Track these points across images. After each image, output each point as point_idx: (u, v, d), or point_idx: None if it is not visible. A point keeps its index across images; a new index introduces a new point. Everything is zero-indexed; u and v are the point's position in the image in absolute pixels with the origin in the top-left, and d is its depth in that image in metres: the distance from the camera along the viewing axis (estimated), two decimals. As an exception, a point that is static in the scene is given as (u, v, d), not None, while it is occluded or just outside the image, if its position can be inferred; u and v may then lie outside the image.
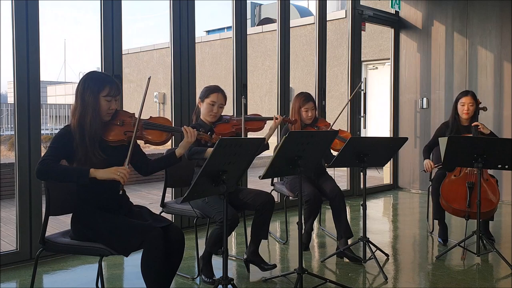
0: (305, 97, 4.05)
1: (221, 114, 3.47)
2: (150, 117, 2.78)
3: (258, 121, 3.54)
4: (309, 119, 4.04)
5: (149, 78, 2.68)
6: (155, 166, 2.85)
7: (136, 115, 2.65)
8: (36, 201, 3.68)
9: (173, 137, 4.39)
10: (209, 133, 2.92)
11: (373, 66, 10.22)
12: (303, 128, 4.04)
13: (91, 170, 2.44)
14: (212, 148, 3.14)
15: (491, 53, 6.28)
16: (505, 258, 3.60)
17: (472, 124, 4.15)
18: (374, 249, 3.67)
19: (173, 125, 2.86)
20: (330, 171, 4.27)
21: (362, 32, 6.64)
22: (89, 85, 2.57)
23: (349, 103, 5.71)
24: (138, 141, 2.68)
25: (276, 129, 3.80)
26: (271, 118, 3.66)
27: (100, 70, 4.07)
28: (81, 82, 2.59)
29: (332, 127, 4.02)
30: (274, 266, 3.42)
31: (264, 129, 3.59)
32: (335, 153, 3.87)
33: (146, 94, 2.64)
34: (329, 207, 3.94)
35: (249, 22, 16.44)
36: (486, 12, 6.30)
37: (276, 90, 5.64)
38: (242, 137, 3.38)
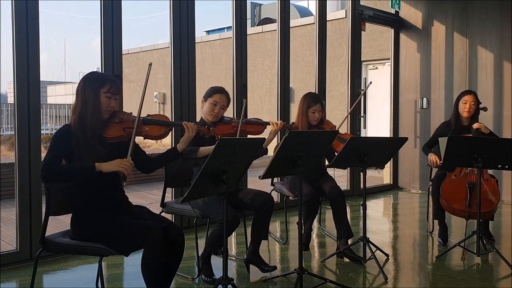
0: (313, 98, 4.02)
1: (222, 115, 3.48)
2: (148, 114, 2.80)
3: (258, 125, 3.55)
4: (315, 120, 4.02)
5: (150, 64, 2.69)
6: (156, 162, 2.87)
7: (134, 114, 2.68)
8: (36, 201, 3.68)
9: (173, 134, 4.39)
10: (206, 126, 2.96)
11: (373, 66, 10.22)
12: (308, 129, 4.01)
13: (96, 165, 2.46)
14: (205, 147, 3.19)
15: (491, 53, 6.28)
16: (505, 258, 3.60)
17: (473, 126, 4.15)
18: (374, 249, 3.67)
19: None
20: (330, 171, 4.27)
21: (362, 32, 6.64)
22: (90, 82, 2.60)
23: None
24: (137, 137, 2.70)
25: (276, 134, 3.78)
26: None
27: (100, 71, 4.08)
28: (82, 81, 2.62)
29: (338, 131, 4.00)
30: (274, 268, 3.43)
31: (265, 133, 3.58)
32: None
33: (147, 83, 2.67)
34: (329, 207, 3.94)
35: (249, 22, 16.43)
36: (486, 12, 6.30)
37: (276, 90, 5.63)
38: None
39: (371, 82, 4.64)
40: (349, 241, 3.88)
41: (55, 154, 2.49)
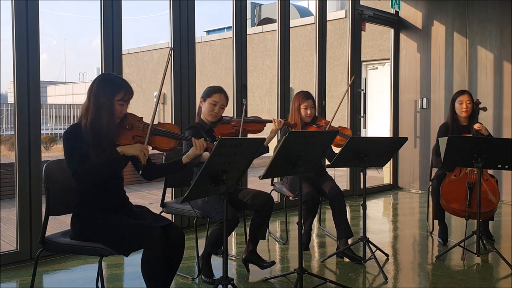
0: (304, 95, 4.06)
1: (221, 115, 3.49)
2: (159, 122, 2.77)
3: (257, 123, 3.58)
4: (308, 117, 4.04)
5: (170, 49, 2.71)
6: (159, 171, 2.86)
7: (144, 120, 2.68)
8: (36, 201, 3.68)
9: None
10: (215, 142, 2.93)
11: (373, 66, 10.23)
12: (303, 127, 4.04)
13: (119, 149, 2.50)
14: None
15: (491, 53, 6.28)
16: (505, 258, 3.60)
17: (474, 126, 4.14)
18: (374, 249, 3.67)
19: (180, 132, 2.86)
20: (330, 171, 4.27)
21: (362, 32, 6.64)
22: (105, 87, 2.56)
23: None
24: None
25: (277, 133, 3.81)
26: (271, 121, 3.69)
27: (106, 71, 4.08)
28: (96, 83, 2.58)
29: (332, 123, 4.01)
30: (273, 263, 3.42)
31: (264, 131, 3.59)
32: (337, 150, 3.85)
33: (167, 68, 2.69)
34: (329, 207, 3.94)
35: (249, 22, 16.44)
36: (486, 12, 6.30)
37: (276, 90, 5.63)
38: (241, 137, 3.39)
39: (353, 79, 4.66)
40: (349, 241, 3.88)
41: (76, 158, 2.47)
